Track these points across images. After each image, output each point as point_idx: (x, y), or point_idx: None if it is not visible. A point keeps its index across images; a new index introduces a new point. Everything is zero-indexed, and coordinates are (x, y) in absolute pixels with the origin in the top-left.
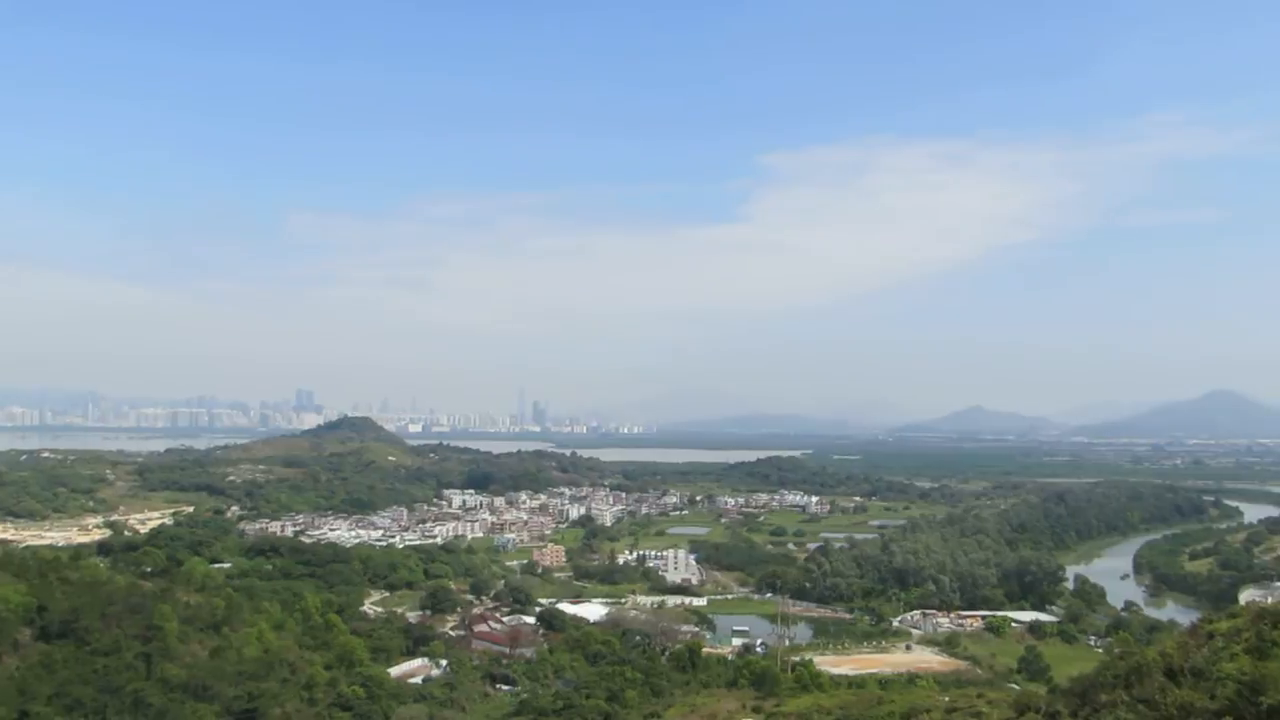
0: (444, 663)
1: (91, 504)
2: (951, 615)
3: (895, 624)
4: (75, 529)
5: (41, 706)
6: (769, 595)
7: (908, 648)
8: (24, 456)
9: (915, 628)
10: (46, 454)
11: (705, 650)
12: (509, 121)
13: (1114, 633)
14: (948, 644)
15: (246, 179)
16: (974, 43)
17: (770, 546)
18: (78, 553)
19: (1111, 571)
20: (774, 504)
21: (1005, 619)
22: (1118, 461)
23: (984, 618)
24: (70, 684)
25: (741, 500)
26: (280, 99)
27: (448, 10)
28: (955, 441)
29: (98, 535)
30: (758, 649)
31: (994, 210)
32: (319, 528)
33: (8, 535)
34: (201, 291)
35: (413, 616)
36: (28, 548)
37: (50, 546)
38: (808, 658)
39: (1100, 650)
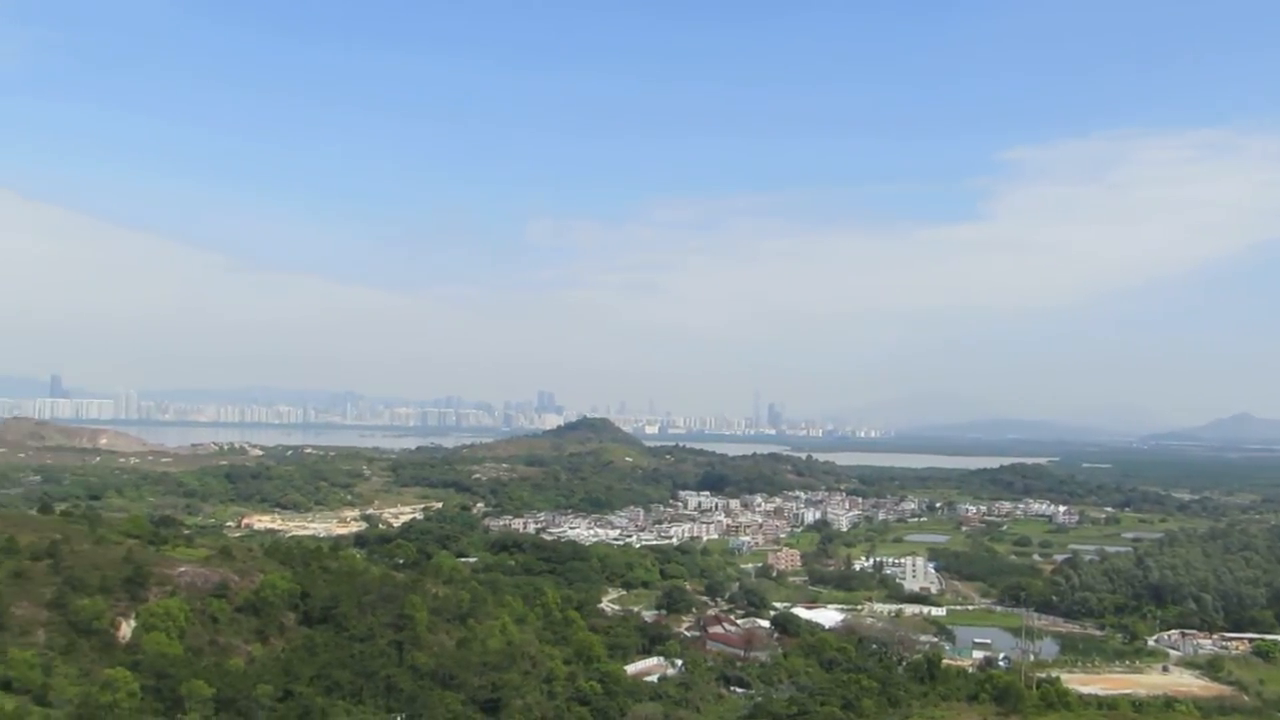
0: (679, 662)
1: (349, 498)
2: (1214, 637)
3: (1150, 643)
4: (334, 521)
5: (304, 687)
6: (1012, 608)
7: (1164, 669)
8: (289, 452)
9: (1173, 648)
10: (309, 450)
11: (944, 662)
12: (738, 124)
13: None
14: (1210, 667)
15: (489, 187)
16: (1237, 20)
17: (1014, 557)
18: (337, 544)
19: None
20: (1018, 513)
21: (1276, 643)
22: None
23: (1251, 640)
24: (329, 667)
25: (983, 508)
26: (516, 107)
27: (672, 17)
28: (1218, 451)
29: (355, 527)
30: (1000, 663)
31: (1260, 203)
32: (559, 526)
33: (275, 525)
34: (450, 297)
35: (648, 615)
36: (293, 538)
37: (312, 537)
38: (1054, 675)
39: None
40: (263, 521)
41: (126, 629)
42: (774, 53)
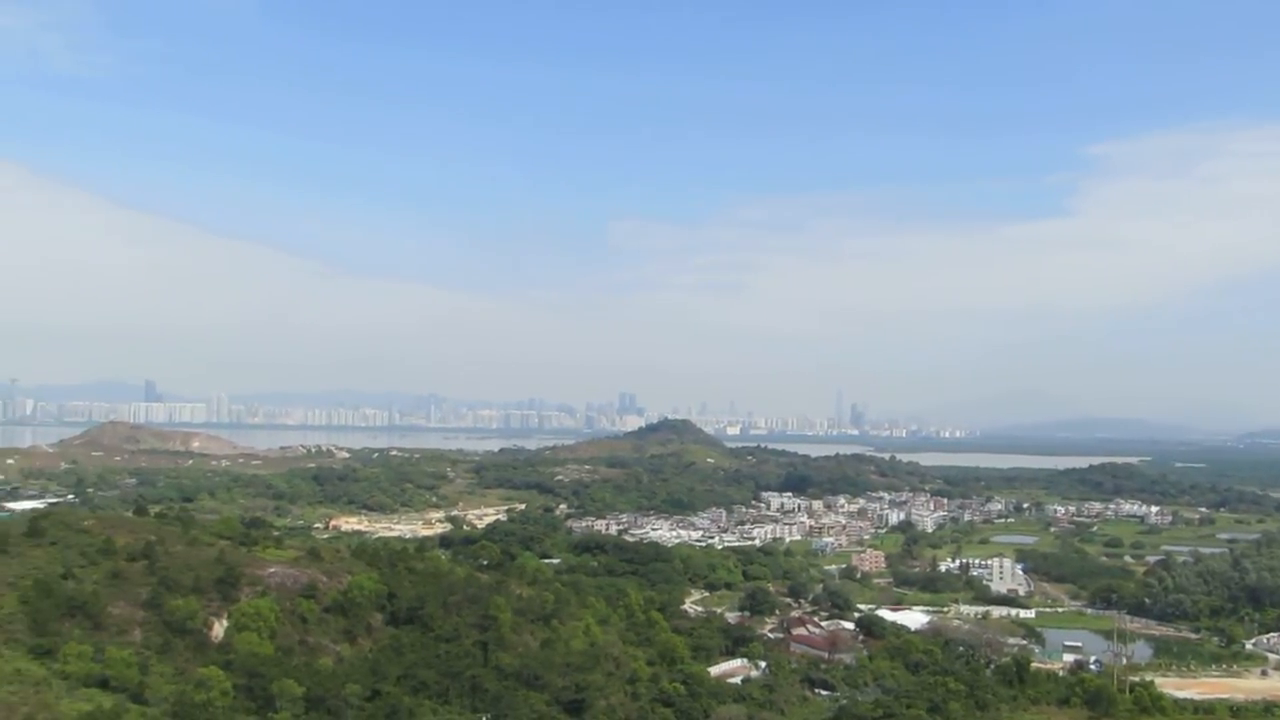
0: (763, 664)
1: (434, 499)
2: None
3: (1249, 647)
4: (420, 522)
5: (391, 686)
6: (1104, 610)
7: (1264, 673)
8: (375, 454)
9: (1271, 651)
10: (395, 452)
11: (1034, 665)
12: (819, 123)
13: None
14: None
15: (571, 190)
16: None
17: (1104, 558)
18: (422, 545)
19: None
20: (1108, 513)
21: None
22: None
23: None
24: (416, 667)
25: (1072, 508)
26: (596, 110)
27: (750, 17)
28: None
29: (439, 529)
30: (1091, 666)
31: None
32: (641, 527)
33: (361, 527)
34: (533, 299)
35: (731, 617)
36: (379, 539)
37: (398, 538)
38: (1148, 678)
39: None
40: (349, 523)
41: (219, 628)
42: (854, 52)
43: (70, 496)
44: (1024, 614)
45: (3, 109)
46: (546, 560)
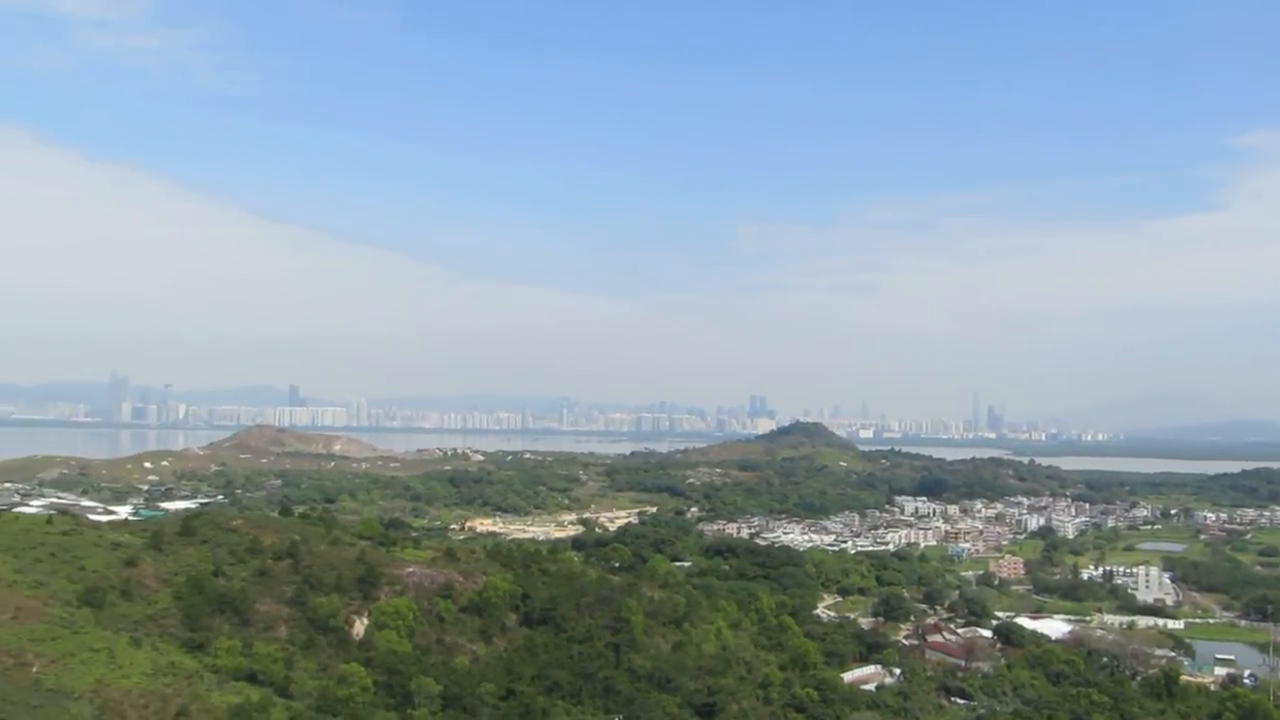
0: (897, 671)
1: (566, 502)
2: None
3: None
4: (552, 524)
5: (525, 686)
6: (1259, 622)
7: None
8: (509, 457)
9: None
10: (528, 455)
11: (1183, 678)
12: (951, 123)
13: None
14: None
15: (698, 194)
16: None
17: (1259, 568)
18: (555, 547)
19: None
20: (1263, 520)
21: None
22: None
23: None
24: (549, 667)
25: (1224, 515)
26: (721, 113)
27: (872, 18)
28: None
29: (572, 531)
30: (1246, 680)
31: None
32: (772, 530)
33: (496, 528)
34: (659, 303)
35: (865, 623)
36: (513, 540)
37: (532, 540)
38: None
39: None
40: (484, 525)
41: (360, 626)
42: (985, 51)
43: (220, 497)
44: (1172, 625)
45: (156, 127)
46: (678, 563)
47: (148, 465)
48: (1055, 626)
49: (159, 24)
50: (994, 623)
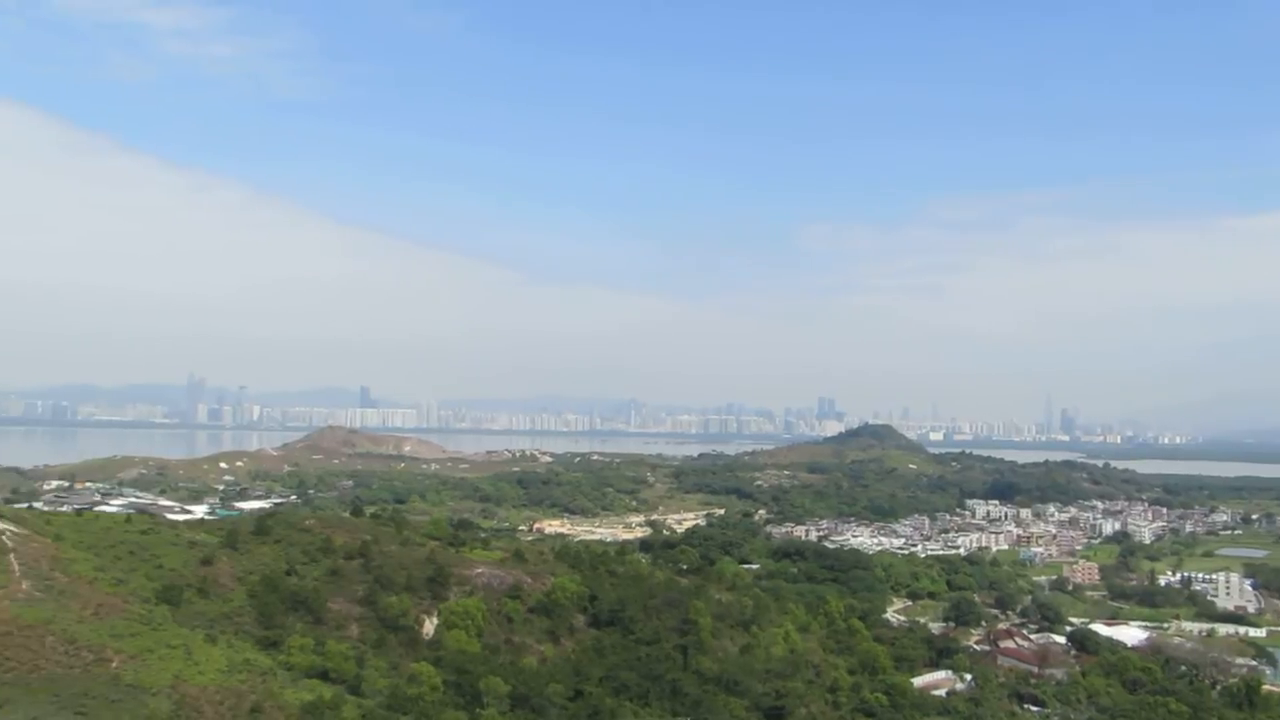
0: (968, 677)
1: (634, 503)
2: None
3: None
4: (620, 526)
5: (593, 687)
6: None
7: None
8: (577, 459)
9: None
10: (596, 457)
11: (1265, 688)
12: (1025, 122)
13: None
14: None
15: (763, 194)
16: None
17: None
18: (623, 548)
19: None
20: None
21: None
22: None
23: None
24: (617, 668)
25: None
26: (788, 113)
27: (950, 16)
28: None
29: (639, 533)
30: None
31: None
32: (841, 533)
33: (564, 530)
34: (731, 305)
35: (935, 627)
36: (581, 542)
37: (599, 541)
38: None
39: None
40: (552, 526)
41: (429, 626)
42: (1064, 50)
43: (293, 497)
44: (1253, 633)
45: (232, 133)
46: (746, 566)
47: (223, 465)
48: (1131, 633)
49: (235, 33)
50: (1068, 629)
